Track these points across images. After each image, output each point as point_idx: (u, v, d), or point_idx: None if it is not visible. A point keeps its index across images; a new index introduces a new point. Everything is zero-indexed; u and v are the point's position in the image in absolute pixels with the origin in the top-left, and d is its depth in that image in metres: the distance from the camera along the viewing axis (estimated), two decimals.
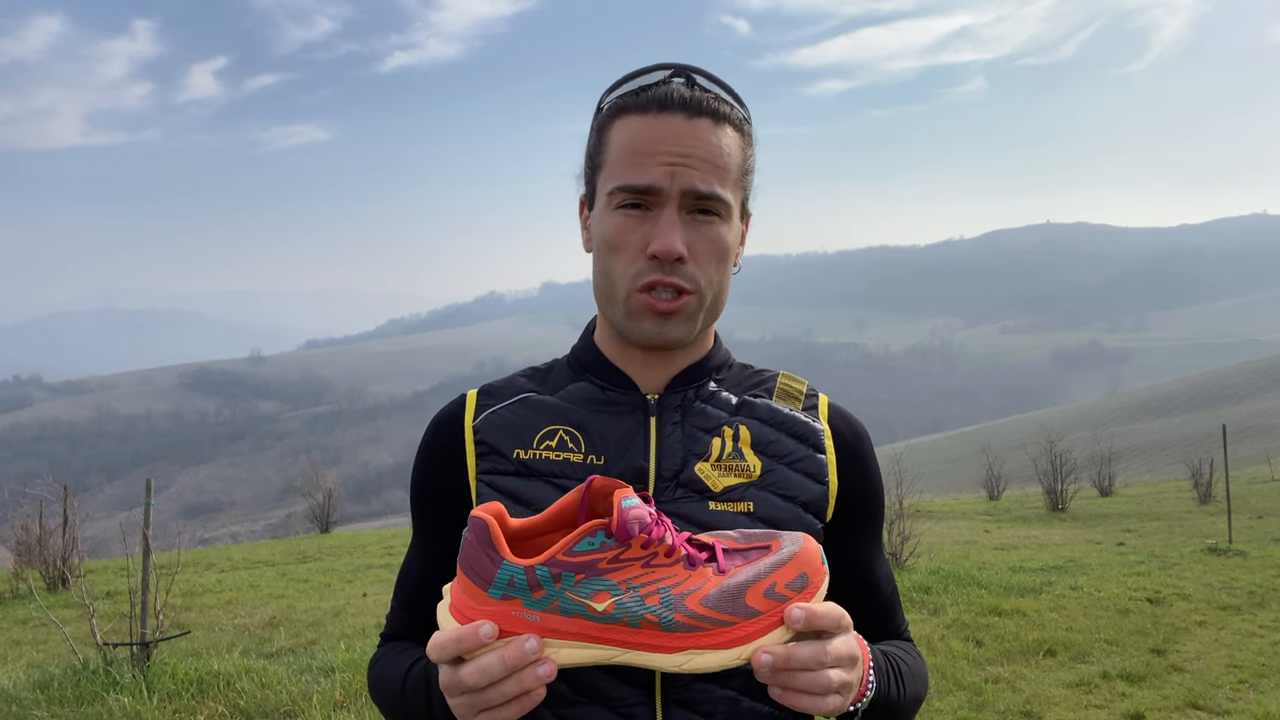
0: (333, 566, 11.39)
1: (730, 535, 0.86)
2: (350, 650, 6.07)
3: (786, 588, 0.81)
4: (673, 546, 0.80)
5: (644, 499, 0.81)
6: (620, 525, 0.77)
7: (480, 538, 0.79)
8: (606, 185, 0.99)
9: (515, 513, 0.91)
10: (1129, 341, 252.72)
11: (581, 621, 0.78)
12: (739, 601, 0.80)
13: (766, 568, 0.81)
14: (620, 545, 0.78)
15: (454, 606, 0.80)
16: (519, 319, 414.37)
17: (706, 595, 0.79)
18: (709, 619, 0.79)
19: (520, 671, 0.77)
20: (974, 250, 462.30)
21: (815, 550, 0.84)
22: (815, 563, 0.84)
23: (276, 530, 39.16)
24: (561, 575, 0.77)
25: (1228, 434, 13.12)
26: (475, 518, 0.79)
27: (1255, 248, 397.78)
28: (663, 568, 0.79)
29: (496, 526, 0.79)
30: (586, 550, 0.78)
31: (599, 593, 0.78)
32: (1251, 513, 15.19)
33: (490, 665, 0.76)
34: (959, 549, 12.15)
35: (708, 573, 0.81)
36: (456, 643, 0.77)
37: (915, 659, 1.07)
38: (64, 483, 10.75)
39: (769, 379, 1.12)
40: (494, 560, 0.78)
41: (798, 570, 0.82)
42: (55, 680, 5.19)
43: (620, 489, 0.80)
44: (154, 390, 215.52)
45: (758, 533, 0.87)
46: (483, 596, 0.78)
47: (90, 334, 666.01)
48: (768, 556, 0.83)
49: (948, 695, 5.29)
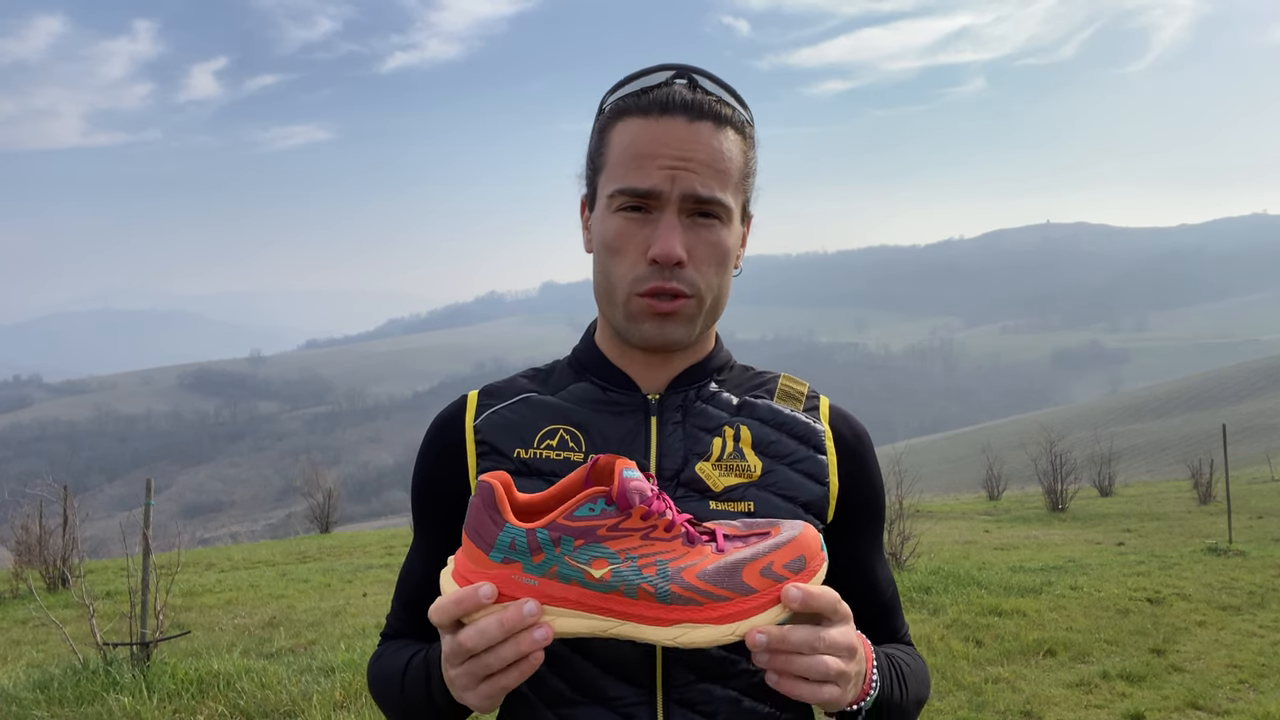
0: (333, 567, 11.39)
1: (732, 523, 0.87)
2: (350, 650, 6.07)
3: (784, 568, 0.82)
4: (672, 522, 0.81)
5: (647, 477, 0.82)
6: (621, 493, 0.79)
7: (486, 501, 0.80)
8: (607, 187, 0.99)
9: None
10: (1129, 341, 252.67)
11: (579, 589, 0.79)
12: (736, 578, 0.80)
13: (765, 548, 0.82)
14: (620, 514, 0.79)
15: (457, 571, 0.82)
16: (519, 319, 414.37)
17: (704, 570, 0.80)
18: (705, 593, 0.79)
19: (518, 635, 0.78)
20: (974, 250, 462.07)
21: (814, 536, 0.85)
22: (814, 547, 0.84)
23: (276, 530, 39.17)
24: (561, 539, 0.79)
25: (1228, 434, 13.12)
26: (483, 482, 0.81)
27: (1255, 248, 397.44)
28: (661, 541, 0.80)
29: (502, 491, 0.81)
30: (587, 516, 0.79)
31: (597, 559, 0.79)
32: (1251, 513, 15.19)
33: (489, 627, 0.77)
34: (959, 549, 12.14)
35: (706, 550, 0.82)
36: (456, 604, 0.78)
37: (917, 662, 1.07)
38: (64, 483, 10.75)
39: (770, 380, 1.12)
40: (497, 523, 0.79)
41: (796, 552, 0.83)
42: (55, 680, 5.19)
43: (623, 461, 0.82)
44: (154, 390, 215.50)
45: (758, 521, 0.88)
46: (485, 560, 0.80)
47: (90, 334, 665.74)
48: (767, 539, 0.84)
49: (948, 695, 5.29)
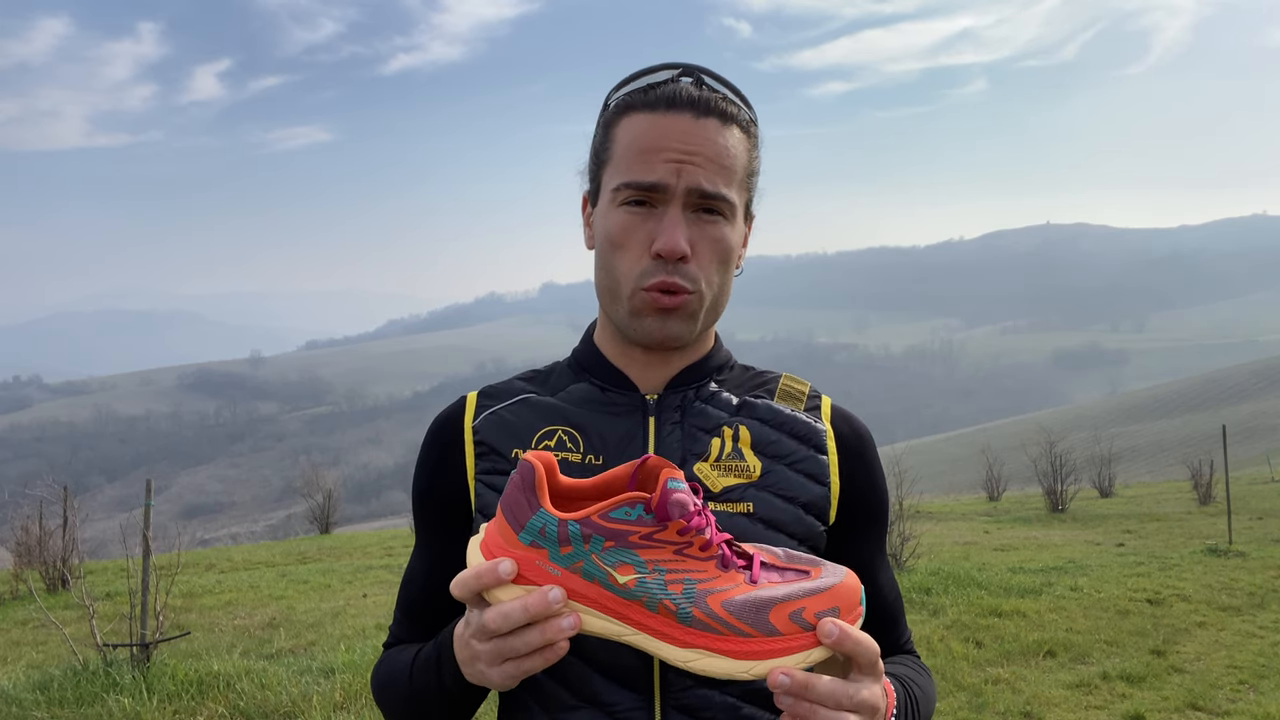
0: (332, 567, 11.39)
1: (774, 551, 0.83)
2: (350, 651, 6.06)
3: (816, 616, 0.77)
4: (709, 542, 0.78)
5: (694, 489, 0.79)
6: (661, 504, 0.75)
7: (525, 480, 0.78)
8: (612, 181, 0.99)
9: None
10: (1129, 342, 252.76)
11: (600, 590, 0.77)
12: (762, 616, 0.76)
13: (801, 591, 0.77)
14: (657, 524, 0.76)
15: (485, 544, 0.80)
16: (519, 320, 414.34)
17: (731, 599, 0.76)
18: (727, 624, 0.76)
19: (544, 622, 0.76)
20: (974, 250, 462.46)
21: (855, 586, 0.80)
22: (853, 599, 0.79)
23: (276, 531, 39.20)
24: (592, 537, 0.76)
25: (1227, 435, 13.12)
26: (524, 461, 0.78)
27: (1255, 248, 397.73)
28: (694, 560, 0.77)
29: (543, 473, 0.78)
30: (622, 519, 0.76)
31: (624, 565, 0.76)
32: (1251, 513, 15.17)
33: (512, 611, 0.76)
34: (959, 550, 12.14)
35: (739, 578, 0.78)
36: (476, 578, 0.77)
37: (925, 679, 1.04)
38: (64, 484, 10.77)
39: (771, 380, 1.11)
40: (531, 506, 0.77)
41: (832, 602, 0.77)
42: (55, 681, 5.19)
43: (670, 469, 0.78)
44: (154, 391, 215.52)
45: (803, 556, 0.83)
46: (513, 539, 0.78)
47: (90, 334, 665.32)
48: (805, 581, 0.79)
49: (948, 696, 5.29)
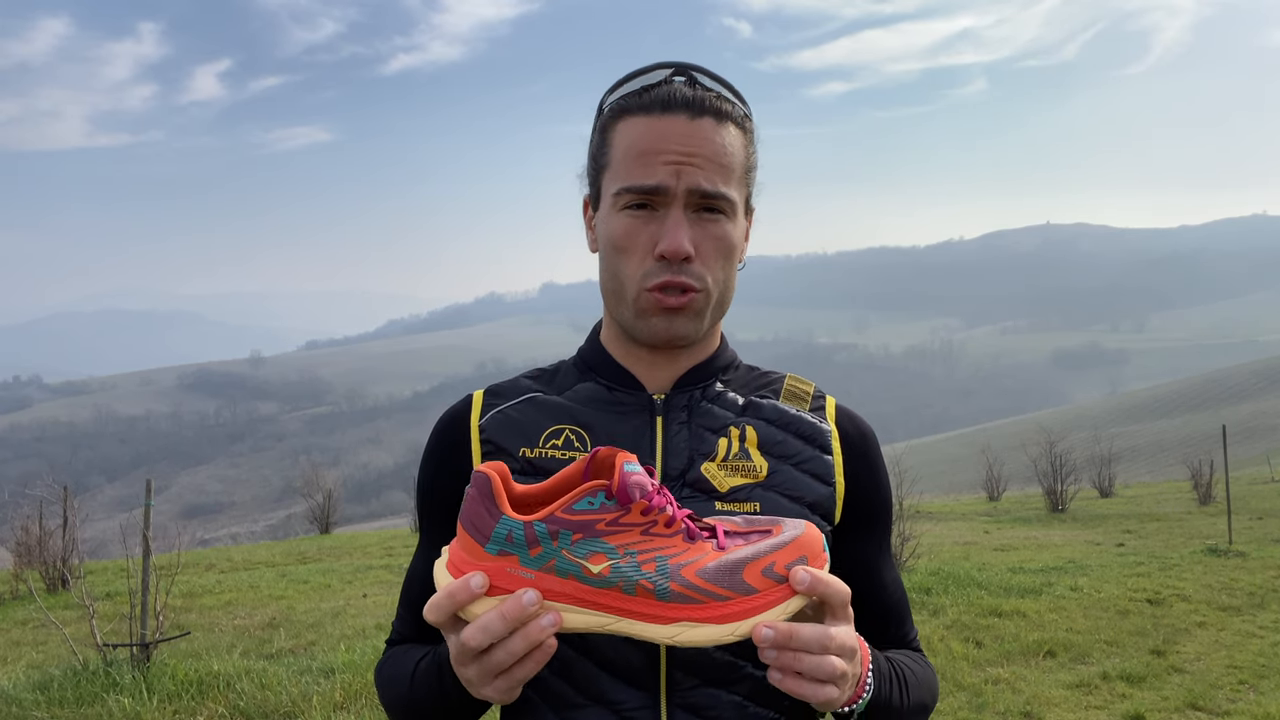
0: (333, 567, 11.38)
1: (733, 519, 0.86)
2: (350, 651, 6.06)
3: (785, 568, 0.80)
4: (673, 518, 0.79)
5: (649, 472, 0.81)
6: (621, 487, 0.77)
7: (482, 491, 0.78)
8: (612, 186, 1.00)
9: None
10: (1129, 342, 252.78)
11: (576, 584, 0.77)
12: (736, 577, 0.78)
13: (767, 547, 0.80)
14: (620, 509, 0.77)
15: (451, 563, 0.79)
16: (519, 320, 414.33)
17: (704, 568, 0.78)
18: (705, 591, 0.78)
19: (525, 626, 0.76)
20: (974, 250, 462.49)
21: (817, 535, 0.83)
22: (816, 547, 0.82)
23: (276, 531, 39.24)
24: (559, 533, 0.76)
25: (1227, 435, 13.12)
26: (479, 472, 0.79)
27: (1255, 248, 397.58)
28: (661, 537, 0.79)
29: (499, 481, 0.78)
30: (586, 510, 0.77)
31: (595, 554, 0.77)
32: (1251, 513, 15.17)
33: (490, 622, 0.75)
34: (959, 550, 12.14)
35: (707, 547, 0.80)
36: (449, 597, 0.76)
37: (924, 668, 1.04)
38: (64, 484, 10.76)
39: (776, 380, 1.12)
40: (493, 515, 0.77)
41: (798, 552, 0.81)
42: (55, 681, 5.19)
43: (624, 454, 0.79)
44: (154, 391, 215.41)
45: (761, 518, 0.86)
46: (480, 552, 0.77)
47: (90, 334, 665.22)
48: (770, 538, 0.82)
49: (948, 696, 5.29)
